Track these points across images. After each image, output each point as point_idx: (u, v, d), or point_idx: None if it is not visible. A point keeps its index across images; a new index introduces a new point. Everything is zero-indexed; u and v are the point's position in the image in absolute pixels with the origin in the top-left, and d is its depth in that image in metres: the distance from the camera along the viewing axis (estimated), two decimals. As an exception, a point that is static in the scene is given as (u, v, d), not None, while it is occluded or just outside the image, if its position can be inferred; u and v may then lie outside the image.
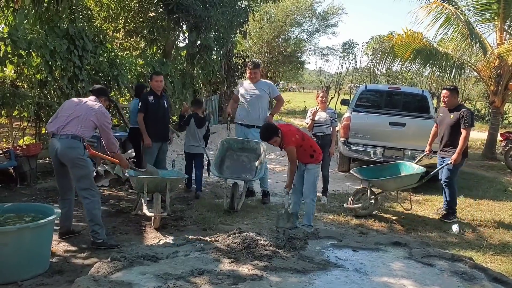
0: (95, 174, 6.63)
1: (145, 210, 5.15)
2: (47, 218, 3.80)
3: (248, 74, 6.75)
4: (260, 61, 23.70)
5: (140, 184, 5.20)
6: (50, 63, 6.94)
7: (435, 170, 6.28)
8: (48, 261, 3.92)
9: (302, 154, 5.21)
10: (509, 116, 27.51)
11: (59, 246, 4.42)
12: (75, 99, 4.76)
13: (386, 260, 4.01)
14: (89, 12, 8.98)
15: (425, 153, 6.76)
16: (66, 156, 4.33)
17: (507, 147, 11.00)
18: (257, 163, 6.38)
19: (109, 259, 3.57)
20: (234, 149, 6.66)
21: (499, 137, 12.23)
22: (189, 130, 6.96)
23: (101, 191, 6.50)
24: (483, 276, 3.73)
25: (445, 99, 6.21)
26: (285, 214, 5.25)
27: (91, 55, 7.65)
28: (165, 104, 6.56)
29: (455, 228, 5.77)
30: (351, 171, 6.78)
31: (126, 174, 5.56)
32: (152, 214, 5.07)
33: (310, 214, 5.28)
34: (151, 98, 6.39)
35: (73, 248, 4.41)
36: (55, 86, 7.39)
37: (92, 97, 4.69)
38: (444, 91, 6.29)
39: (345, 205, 6.26)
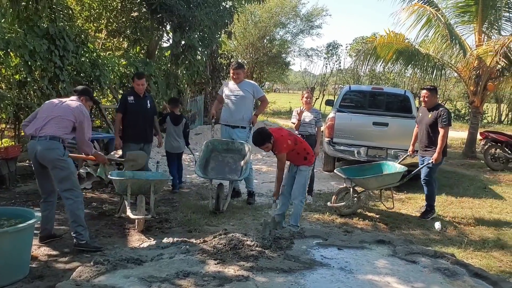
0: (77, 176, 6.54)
1: (129, 212, 5.08)
2: (26, 222, 3.70)
3: (231, 75, 6.74)
4: (245, 61, 23.70)
5: (123, 186, 5.14)
6: (29, 63, 6.82)
7: (416, 170, 6.34)
8: (28, 266, 3.83)
9: (295, 157, 5.21)
10: (488, 116, 28.05)
11: (40, 251, 4.33)
12: (55, 100, 4.67)
13: (371, 258, 4.04)
14: (70, 12, 8.84)
15: (408, 154, 6.84)
16: (45, 158, 4.26)
17: (487, 146, 11.20)
18: (242, 163, 6.37)
19: (91, 263, 3.52)
20: (219, 150, 6.64)
21: (478, 136, 12.44)
22: (168, 129, 7.11)
23: (84, 193, 6.41)
24: (464, 272, 3.80)
25: (426, 99, 6.29)
26: (272, 223, 5.16)
27: (73, 55, 7.53)
28: (148, 105, 6.46)
29: (437, 225, 5.86)
30: (335, 171, 6.81)
31: (109, 177, 5.50)
32: (136, 217, 5.01)
33: (298, 214, 5.28)
34: (131, 98, 6.33)
35: (54, 252, 4.32)
36: (35, 87, 7.26)
37: (73, 97, 4.64)
38: (424, 91, 6.37)
39: (328, 203, 6.30)
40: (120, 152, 7.03)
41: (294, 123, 6.99)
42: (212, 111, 7.03)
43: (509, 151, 11.01)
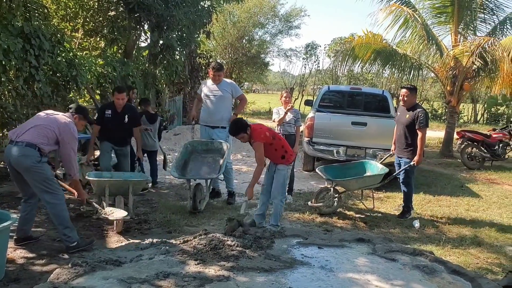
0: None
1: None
2: (2, 224, 3.61)
3: (211, 76, 6.64)
4: (223, 61, 23.62)
5: (101, 188, 5.06)
6: (3, 62, 6.62)
7: (397, 172, 6.37)
8: (3, 269, 3.73)
9: (273, 154, 5.19)
10: (464, 116, 28.60)
11: (16, 253, 4.23)
12: (47, 111, 4.58)
13: (351, 256, 4.07)
14: (46, 10, 8.67)
15: (390, 153, 6.86)
16: (20, 164, 4.16)
17: (463, 145, 11.40)
18: (221, 161, 6.33)
19: (69, 265, 3.45)
20: (199, 151, 6.60)
21: (455, 136, 12.65)
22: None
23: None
24: (443, 269, 3.85)
25: (405, 98, 6.28)
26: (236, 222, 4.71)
27: (49, 54, 7.37)
28: (125, 120, 6.30)
29: (416, 223, 5.93)
30: (316, 170, 6.83)
31: (87, 177, 5.41)
32: (115, 218, 4.93)
33: (278, 214, 5.28)
34: (108, 112, 6.24)
35: (31, 255, 4.22)
36: (9, 87, 7.08)
37: (67, 114, 4.56)
38: (403, 90, 6.33)
39: (309, 203, 6.32)
40: (97, 153, 6.94)
41: (275, 120, 7.01)
42: (193, 113, 6.98)
43: (485, 150, 11.24)
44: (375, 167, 6.55)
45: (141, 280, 3.22)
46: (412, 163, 6.07)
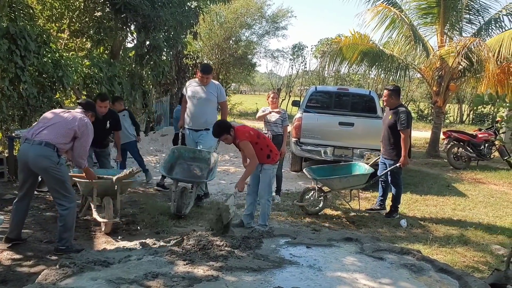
0: (40, 178, 6.33)
1: (96, 215, 4.98)
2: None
3: (199, 78, 6.46)
4: (210, 62, 23.56)
5: (89, 188, 5.02)
6: (-11, 63, 6.58)
7: (382, 173, 6.42)
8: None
9: (259, 153, 5.18)
10: (450, 116, 28.91)
11: (3, 255, 4.19)
12: (58, 109, 4.58)
13: (339, 256, 4.09)
14: (31, 11, 8.59)
15: (380, 155, 6.87)
16: (38, 165, 4.14)
17: (449, 145, 11.52)
18: (211, 165, 6.26)
19: (57, 266, 3.41)
20: (185, 158, 6.43)
21: (441, 136, 12.79)
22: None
23: (47, 196, 6.24)
24: (430, 267, 3.88)
25: (384, 98, 6.35)
26: (225, 213, 4.47)
27: (34, 55, 7.30)
28: (107, 125, 6.42)
29: (403, 223, 5.98)
30: (303, 170, 6.85)
31: (73, 178, 5.35)
32: (104, 220, 4.89)
33: (265, 214, 5.30)
34: None
35: (18, 256, 4.19)
36: (-5, 88, 7.01)
37: (78, 110, 4.55)
38: (385, 91, 6.38)
39: (295, 201, 6.35)
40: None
41: (258, 117, 7.09)
42: (181, 123, 6.82)
43: (471, 150, 11.37)
44: (363, 169, 6.56)
45: (129, 281, 3.20)
46: (398, 164, 6.12)
